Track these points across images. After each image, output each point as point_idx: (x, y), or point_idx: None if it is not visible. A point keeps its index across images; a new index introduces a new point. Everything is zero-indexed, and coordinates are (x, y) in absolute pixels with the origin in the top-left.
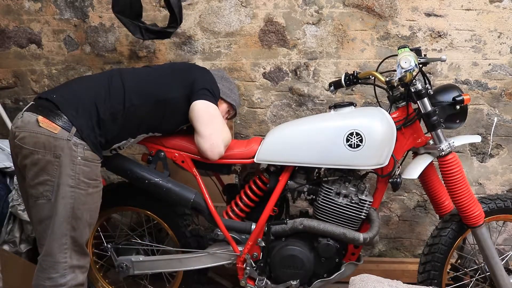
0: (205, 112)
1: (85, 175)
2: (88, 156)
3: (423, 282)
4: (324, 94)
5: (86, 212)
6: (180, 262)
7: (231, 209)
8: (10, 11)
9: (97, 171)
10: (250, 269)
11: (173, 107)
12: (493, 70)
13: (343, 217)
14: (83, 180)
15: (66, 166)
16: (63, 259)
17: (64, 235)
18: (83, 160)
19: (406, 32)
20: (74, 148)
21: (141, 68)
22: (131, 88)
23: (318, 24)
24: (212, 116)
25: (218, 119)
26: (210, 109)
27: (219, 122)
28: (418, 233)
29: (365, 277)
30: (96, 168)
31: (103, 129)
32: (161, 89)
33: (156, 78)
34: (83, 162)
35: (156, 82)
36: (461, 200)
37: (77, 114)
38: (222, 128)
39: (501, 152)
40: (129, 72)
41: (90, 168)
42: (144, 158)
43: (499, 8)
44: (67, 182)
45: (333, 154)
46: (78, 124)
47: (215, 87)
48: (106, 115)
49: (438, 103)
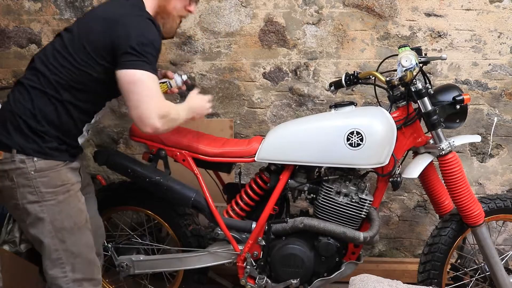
0: (127, 82)
1: (45, 185)
2: (42, 166)
3: (423, 281)
4: (324, 94)
5: (67, 219)
6: (180, 261)
7: (232, 208)
8: (10, 11)
9: (61, 176)
10: (250, 268)
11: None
12: (493, 70)
13: (344, 216)
14: (46, 191)
15: (23, 185)
16: (62, 274)
17: (54, 251)
18: (37, 172)
19: (406, 32)
20: (22, 166)
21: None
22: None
23: (318, 24)
24: (134, 84)
25: (145, 85)
26: (135, 77)
27: (146, 88)
28: (418, 233)
29: (365, 277)
30: (57, 174)
31: (44, 129)
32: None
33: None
34: (38, 175)
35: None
36: (461, 199)
37: (7, 131)
38: (152, 95)
39: (501, 152)
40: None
41: (49, 176)
42: (145, 157)
43: (499, 8)
44: (31, 199)
45: (333, 153)
46: (13, 142)
47: (143, 37)
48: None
49: (438, 102)
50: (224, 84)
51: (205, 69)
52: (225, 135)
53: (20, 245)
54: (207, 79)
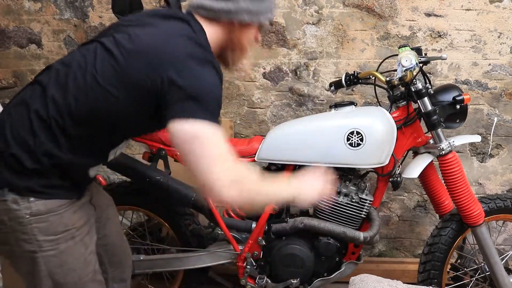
0: (185, 140)
1: (44, 232)
2: (40, 209)
3: (423, 281)
4: (324, 94)
5: (70, 274)
6: (180, 261)
7: (232, 208)
8: (10, 11)
9: (63, 220)
10: (250, 267)
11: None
12: (493, 70)
13: (344, 216)
14: (44, 239)
15: (16, 231)
16: None
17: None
18: (33, 216)
19: (406, 32)
20: (15, 207)
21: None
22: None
23: (318, 24)
24: (197, 145)
25: (211, 144)
26: (195, 132)
27: (213, 148)
28: (418, 233)
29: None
30: (59, 218)
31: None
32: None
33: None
34: (34, 219)
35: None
36: (461, 199)
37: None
38: (219, 155)
39: (501, 152)
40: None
41: (48, 221)
42: (145, 157)
43: (499, 8)
44: (27, 249)
45: (333, 153)
46: (2, 179)
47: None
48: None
49: (438, 102)
50: (224, 84)
51: None
52: (225, 135)
53: None
54: None
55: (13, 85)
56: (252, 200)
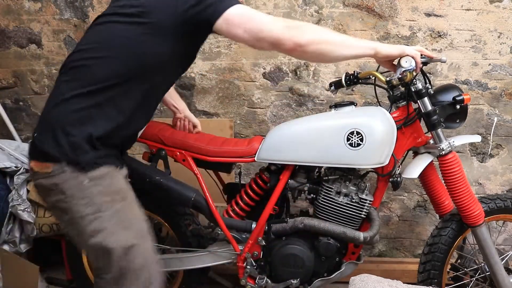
0: (240, 22)
1: (101, 194)
2: (96, 174)
3: (423, 281)
4: (324, 94)
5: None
6: (180, 261)
7: (232, 208)
8: (10, 11)
9: (114, 182)
10: (250, 268)
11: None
12: (493, 70)
13: (344, 216)
14: (101, 201)
15: (75, 197)
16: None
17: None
18: (92, 180)
19: (406, 32)
20: (75, 175)
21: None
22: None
23: (318, 24)
24: (242, 15)
25: (255, 14)
26: (238, 10)
27: (253, 13)
28: (418, 233)
29: (365, 277)
30: (112, 181)
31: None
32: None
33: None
34: (92, 183)
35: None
36: (461, 199)
37: (55, 141)
38: (265, 16)
39: (501, 152)
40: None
41: (103, 184)
42: (145, 157)
43: (499, 8)
44: (85, 212)
45: (333, 153)
46: (62, 153)
47: None
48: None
49: (438, 102)
50: (224, 84)
51: (205, 69)
52: (225, 135)
53: (20, 245)
54: (207, 79)
55: (13, 85)
56: (320, 45)
